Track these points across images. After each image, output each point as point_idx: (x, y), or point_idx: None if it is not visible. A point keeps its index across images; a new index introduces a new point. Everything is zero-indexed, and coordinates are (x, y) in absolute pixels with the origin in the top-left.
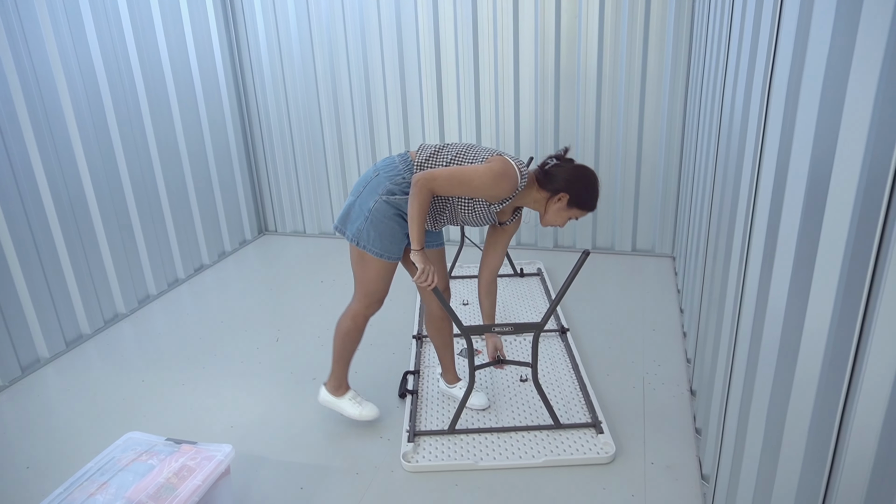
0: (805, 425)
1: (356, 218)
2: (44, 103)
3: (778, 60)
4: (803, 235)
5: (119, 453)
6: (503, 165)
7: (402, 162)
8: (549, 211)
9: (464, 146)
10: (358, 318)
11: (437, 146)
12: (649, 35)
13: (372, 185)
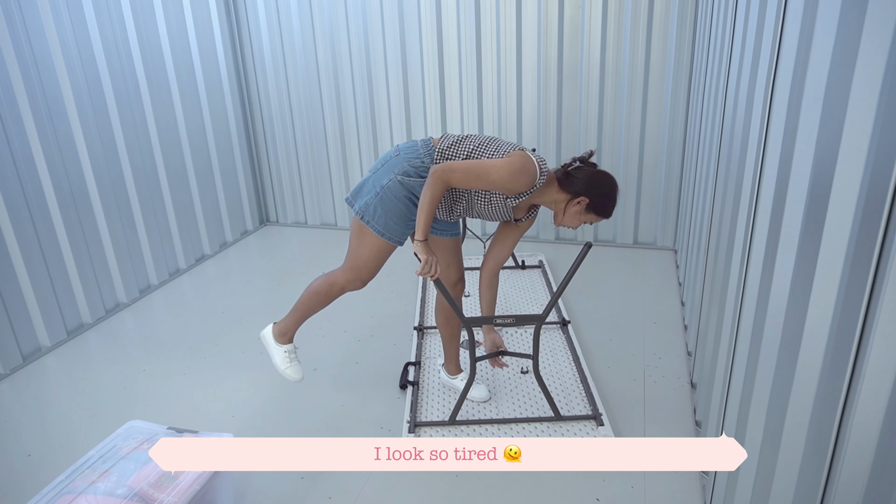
0: (806, 419)
1: (367, 192)
2: (44, 90)
3: (783, 53)
4: (806, 228)
5: (121, 442)
6: (522, 161)
7: (423, 146)
8: (566, 213)
9: (486, 139)
10: (335, 287)
11: (460, 136)
12: (653, 27)
13: (390, 164)
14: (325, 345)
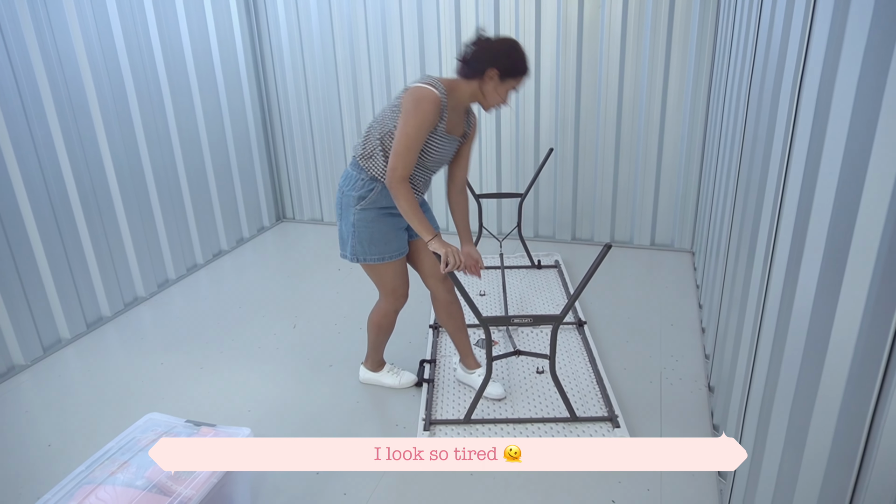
0: (831, 425)
1: (346, 239)
2: (68, 88)
3: (812, 48)
4: (834, 230)
5: (140, 434)
6: (414, 96)
7: (353, 168)
8: (486, 94)
9: (378, 115)
10: (389, 314)
11: (363, 134)
12: (673, 25)
13: (344, 205)
14: (341, 341)
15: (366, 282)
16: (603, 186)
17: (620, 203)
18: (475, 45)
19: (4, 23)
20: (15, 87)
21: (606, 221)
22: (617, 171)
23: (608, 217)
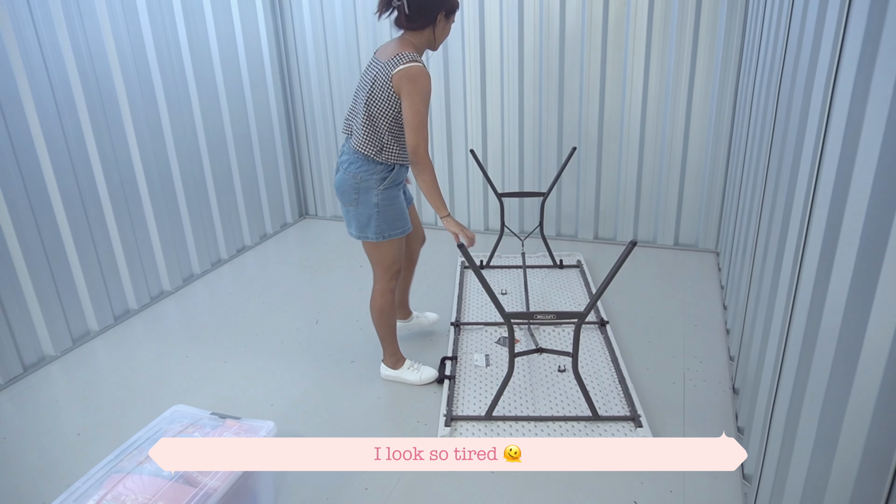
0: (864, 427)
1: (367, 221)
2: (98, 86)
3: (847, 41)
4: (869, 229)
5: (166, 425)
6: (409, 76)
7: (362, 159)
8: (437, 36)
9: (368, 108)
10: (386, 293)
11: (361, 128)
12: (700, 22)
13: (362, 189)
14: (363, 338)
15: None
16: (626, 185)
17: (644, 202)
18: (401, 2)
19: (38, 21)
20: (48, 85)
21: (630, 221)
22: (641, 170)
23: (631, 216)
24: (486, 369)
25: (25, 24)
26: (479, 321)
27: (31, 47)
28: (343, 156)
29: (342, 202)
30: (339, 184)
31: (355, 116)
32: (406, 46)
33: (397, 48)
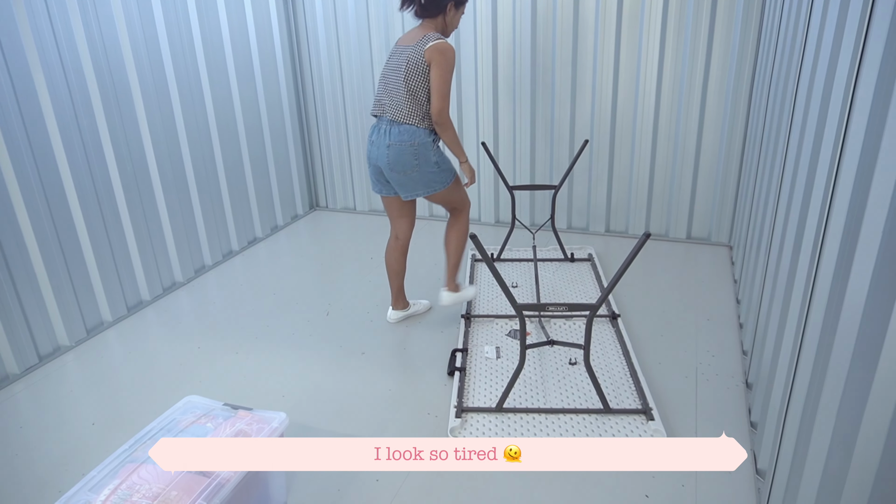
0: (885, 424)
1: (432, 177)
2: (112, 78)
3: (871, 34)
4: (893, 223)
5: (179, 416)
6: (440, 50)
7: (412, 127)
8: (448, 24)
9: (408, 84)
10: (467, 222)
11: (404, 100)
12: (717, 14)
13: (421, 153)
14: (373, 330)
15: None
16: (639, 178)
17: (656, 195)
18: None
19: (54, 13)
20: (63, 77)
21: (642, 214)
22: (654, 162)
23: (643, 209)
24: (496, 361)
25: (41, 15)
26: (489, 314)
27: (46, 39)
28: (383, 137)
29: (400, 172)
30: (395, 158)
31: (390, 97)
32: (429, 29)
33: (422, 31)
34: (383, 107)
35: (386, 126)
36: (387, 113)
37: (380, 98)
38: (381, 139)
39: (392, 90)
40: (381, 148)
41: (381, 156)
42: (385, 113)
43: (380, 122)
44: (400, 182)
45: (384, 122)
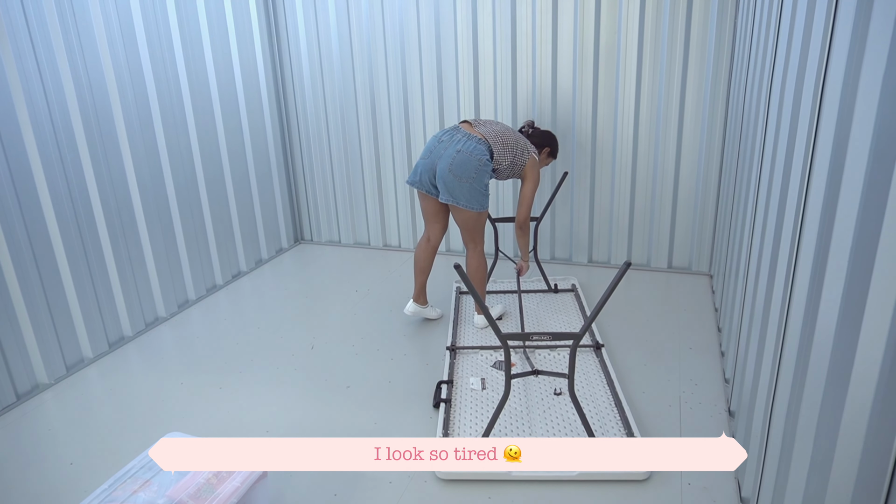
0: (858, 449)
1: (474, 195)
2: (97, 113)
3: (832, 62)
4: (857, 252)
5: None
6: (535, 167)
7: (487, 154)
8: (540, 162)
9: (515, 147)
10: (482, 254)
11: (497, 138)
12: (690, 48)
13: (481, 171)
14: (359, 363)
15: (383, 303)
16: (620, 209)
17: (637, 226)
18: (536, 131)
19: (39, 49)
20: (47, 111)
21: (623, 244)
22: (634, 193)
23: (625, 239)
24: (481, 393)
25: (26, 52)
26: (474, 345)
27: (31, 75)
28: (456, 143)
29: (457, 176)
30: (462, 162)
31: (491, 130)
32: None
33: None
34: (480, 127)
35: (462, 137)
36: (479, 130)
37: (483, 123)
38: (452, 143)
39: (499, 130)
40: (450, 149)
41: (446, 156)
42: (478, 129)
43: (456, 132)
44: (450, 185)
45: (461, 134)
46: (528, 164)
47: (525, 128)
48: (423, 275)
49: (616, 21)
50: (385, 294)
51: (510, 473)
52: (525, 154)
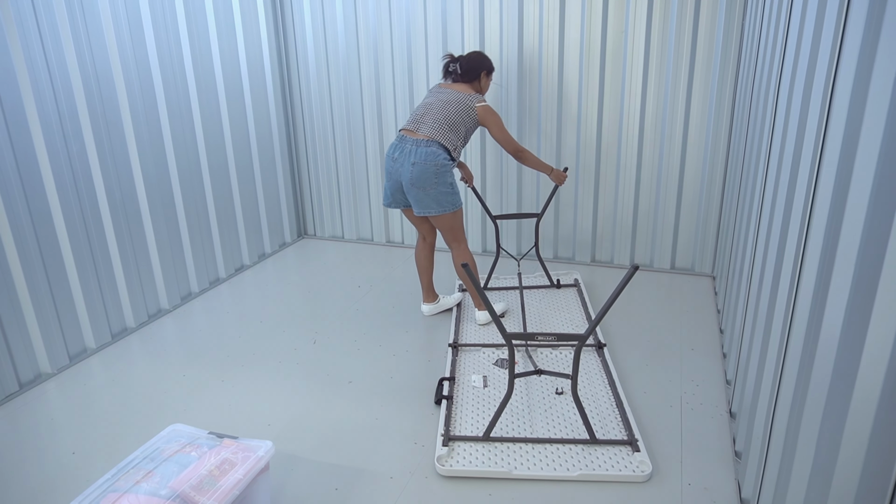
0: (861, 453)
1: (443, 197)
2: (103, 103)
3: (843, 60)
4: (865, 254)
5: (163, 444)
6: (489, 111)
7: (439, 147)
8: (483, 89)
9: (452, 117)
10: (468, 251)
11: (437, 125)
12: (697, 48)
13: (440, 172)
14: (360, 358)
15: (385, 299)
16: (624, 209)
17: (641, 226)
18: (461, 61)
19: (46, 39)
20: (53, 101)
21: (626, 244)
22: (638, 193)
23: (628, 239)
24: (483, 391)
25: (34, 42)
26: (476, 342)
27: (37, 64)
28: (408, 156)
29: (419, 188)
30: (419, 174)
31: (433, 119)
32: (470, 89)
33: (468, 88)
34: (419, 126)
35: (411, 146)
36: (421, 131)
37: (420, 119)
38: (405, 157)
39: (436, 115)
40: (406, 165)
41: (404, 172)
42: (419, 131)
43: (403, 143)
44: (418, 198)
45: (409, 143)
46: (479, 114)
47: (451, 67)
48: (427, 274)
49: (623, 21)
50: (387, 290)
51: (511, 472)
52: (471, 110)
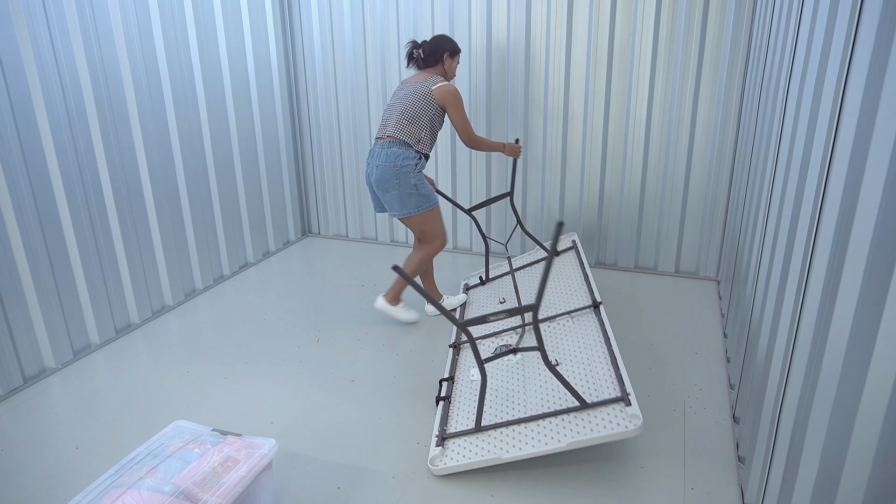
0: (868, 460)
1: (408, 198)
2: (110, 99)
3: (854, 62)
4: (874, 262)
5: (167, 440)
6: (450, 92)
7: (402, 147)
8: (448, 72)
9: (410, 109)
10: (432, 255)
11: (404, 121)
12: (704, 51)
13: (402, 173)
14: (364, 358)
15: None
16: (628, 212)
17: (645, 229)
18: (424, 46)
19: (55, 33)
20: (61, 96)
21: (631, 247)
22: (643, 196)
23: (633, 243)
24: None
25: (42, 36)
26: (475, 337)
27: (46, 59)
28: (376, 158)
29: (383, 190)
30: (380, 176)
31: (395, 120)
32: (433, 73)
33: (428, 74)
34: (386, 129)
35: (379, 149)
36: (387, 132)
37: (386, 121)
38: (374, 160)
39: (396, 114)
40: (373, 167)
41: (371, 174)
42: (386, 133)
43: (375, 146)
44: (384, 199)
45: (378, 146)
46: (437, 95)
47: (415, 53)
48: (428, 275)
49: (631, 23)
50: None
51: (500, 458)
52: (428, 95)
